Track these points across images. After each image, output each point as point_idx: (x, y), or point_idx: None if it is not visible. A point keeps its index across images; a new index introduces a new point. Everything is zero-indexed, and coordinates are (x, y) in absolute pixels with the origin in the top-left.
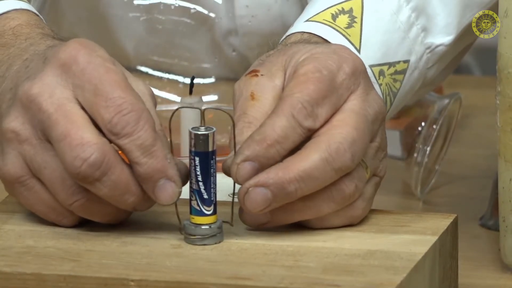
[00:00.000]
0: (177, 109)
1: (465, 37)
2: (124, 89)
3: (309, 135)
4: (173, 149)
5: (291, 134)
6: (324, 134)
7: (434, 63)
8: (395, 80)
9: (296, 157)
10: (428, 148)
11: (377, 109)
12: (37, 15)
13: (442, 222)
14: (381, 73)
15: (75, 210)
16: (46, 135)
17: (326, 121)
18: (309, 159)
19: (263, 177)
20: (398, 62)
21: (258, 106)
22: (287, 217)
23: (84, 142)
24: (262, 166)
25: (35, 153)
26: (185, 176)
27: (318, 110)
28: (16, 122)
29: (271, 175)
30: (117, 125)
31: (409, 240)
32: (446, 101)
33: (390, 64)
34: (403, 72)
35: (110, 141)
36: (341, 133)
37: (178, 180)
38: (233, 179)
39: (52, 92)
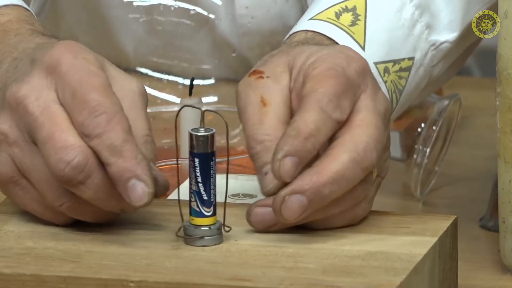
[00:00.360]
0: (182, 108)
1: (470, 35)
2: (101, 92)
3: (337, 128)
4: (178, 150)
5: (323, 127)
6: (349, 134)
7: (439, 60)
8: (400, 77)
9: (326, 160)
10: (428, 149)
11: (386, 108)
12: (28, 11)
13: (442, 224)
14: (386, 70)
15: (64, 211)
16: (32, 137)
17: (348, 117)
18: (339, 160)
19: (297, 184)
20: (403, 59)
21: (272, 113)
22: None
23: (67, 145)
24: (301, 160)
25: (23, 155)
26: (164, 188)
27: (343, 102)
28: (4, 125)
29: (306, 181)
30: (89, 127)
31: (409, 241)
32: (446, 102)
33: (394, 62)
34: (408, 69)
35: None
36: (365, 132)
37: (149, 181)
38: (275, 176)
39: (38, 95)
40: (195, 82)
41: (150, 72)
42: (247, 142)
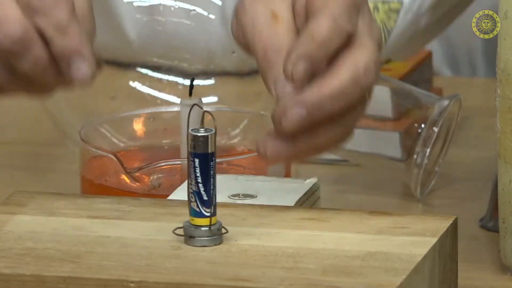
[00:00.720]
0: (192, 106)
1: None
2: None
3: (346, 43)
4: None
5: (335, 37)
6: (350, 53)
7: (427, 9)
8: (389, 18)
9: (327, 75)
10: (428, 150)
11: (379, 38)
12: None
13: (442, 224)
14: (376, 8)
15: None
16: None
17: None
18: (341, 77)
19: (299, 96)
20: (393, 1)
21: (285, 25)
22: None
23: (8, 20)
24: (313, 66)
25: None
26: (98, 65)
27: (353, 17)
28: None
29: (307, 94)
30: (35, 2)
31: (409, 241)
32: (446, 102)
33: (384, 1)
34: (397, 11)
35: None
36: (366, 54)
37: (92, 60)
38: (287, 77)
39: None
40: (195, 82)
41: (150, 72)
42: (260, 55)
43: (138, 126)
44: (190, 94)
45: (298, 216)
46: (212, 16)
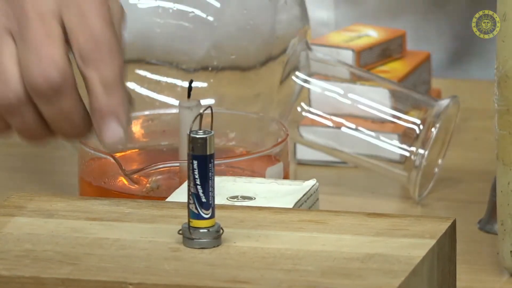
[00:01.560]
0: (206, 108)
1: None
2: (109, 23)
3: None
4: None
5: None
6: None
7: None
8: None
9: None
10: (426, 152)
11: None
12: None
13: (441, 226)
14: None
15: (12, 113)
16: (13, 32)
17: None
18: None
19: None
20: None
21: None
22: None
23: (53, 62)
24: None
25: None
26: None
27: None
28: None
29: None
30: (89, 52)
31: (408, 243)
32: (445, 104)
33: None
34: None
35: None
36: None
37: (126, 129)
38: None
39: (42, 2)
40: (194, 84)
41: (148, 75)
42: None
43: (137, 128)
44: (189, 96)
45: (296, 218)
46: (210, 18)
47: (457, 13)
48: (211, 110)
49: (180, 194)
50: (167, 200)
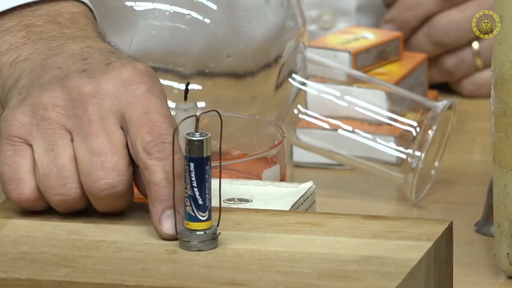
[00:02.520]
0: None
1: None
2: (171, 123)
3: None
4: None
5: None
6: None
7: None
8: None
9: None
10: (423, 154)
11: None
12: (92, 11)
13: (437, 228)
14: None
15: (51, 201)
16: (72, 131)
17: None
18: None
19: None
20: None
21: None
22: None
23: (116, 169)
24: None
25: (51, 133)
26: None
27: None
28: (52, 99)
29: None
30: (154, 147)
31: (404, 245)
32: (441, 106)
33: None
34: None
35: (134, 162)
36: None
37: (182, 218)
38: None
39: (103, 100)
40: (190, 86)
41: None
42: None
43: None
44: (185, 98)
45: (293, 220)
46: (207, 21)
47: None
48: (219, 114)
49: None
50: None
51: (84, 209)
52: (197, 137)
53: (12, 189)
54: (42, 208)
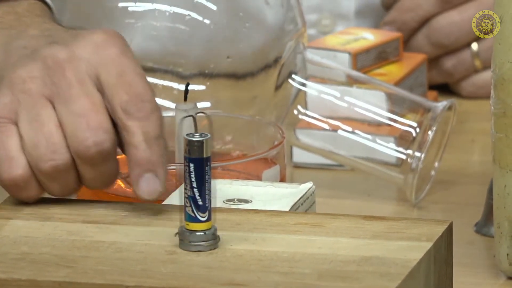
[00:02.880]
0: (196, 114)
1: None
2: (146, 82)
3: None
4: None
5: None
6: None
7: None
8: None
9: None
10: (423, 155)
11: None
12: (50, 8)
13: (437, 228)
14: None
15: (43, 169)
16: (53, 98)
17: None
18: None
19: None
20: None
21: None
22: None
23: (101, 127)
24: None
25: (33, 105)
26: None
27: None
28: (28, 72)
29: None
30: (133, 107)
31: (404, 246)
32: (441, 107)
33: None
34: None
35: (115, 122)
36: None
37: (164, 182)
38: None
39: (78, 65)
40: (190, 87)
41: None
42: None
43: None
44: (185, 99)
45: (293, 221)
46: (207, 21)
47: None
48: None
49: (177, 197)
50: (163, 203)
51: (84, 210)
52: (197, 137)
53: (4, 170)
54: (35, 193)
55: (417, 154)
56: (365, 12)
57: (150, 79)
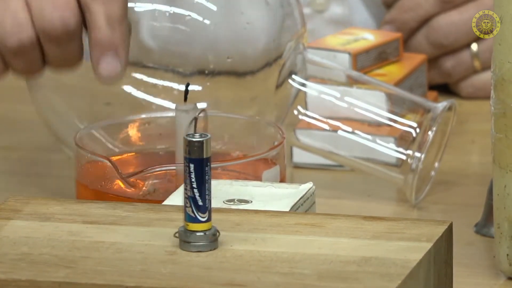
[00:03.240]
0: (198, 115)
1: None
2: None
3: None
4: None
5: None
6: None
7: None
8: None
9: None
10: (423, 155)
11: None
12: None
13: (437, 229)
14: None
15: (8, 45)
16: None
17: None
18: None
19: None
20: None
21: None
22: None
23: (68, 6)
24: None
25: None
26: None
27: None
28: None
29: None
30: None
31: (404, 246)
32: (441, 107)
33: None
34: None
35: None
36: None
37: (124, 64)
38: None
39: None
40: (190, 87)
41: (145, 78)
42: None
43: (133, 132)
44: (185, 99)
45: (293, 221)
46: (207, 22)
47: None
48: (206, 113)
49: (177, 198)
50: (163, 203)
51: (84, 210)
52: (197, 138)
53: None
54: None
55: (417, 154)
56: None
57: (150, 79)
